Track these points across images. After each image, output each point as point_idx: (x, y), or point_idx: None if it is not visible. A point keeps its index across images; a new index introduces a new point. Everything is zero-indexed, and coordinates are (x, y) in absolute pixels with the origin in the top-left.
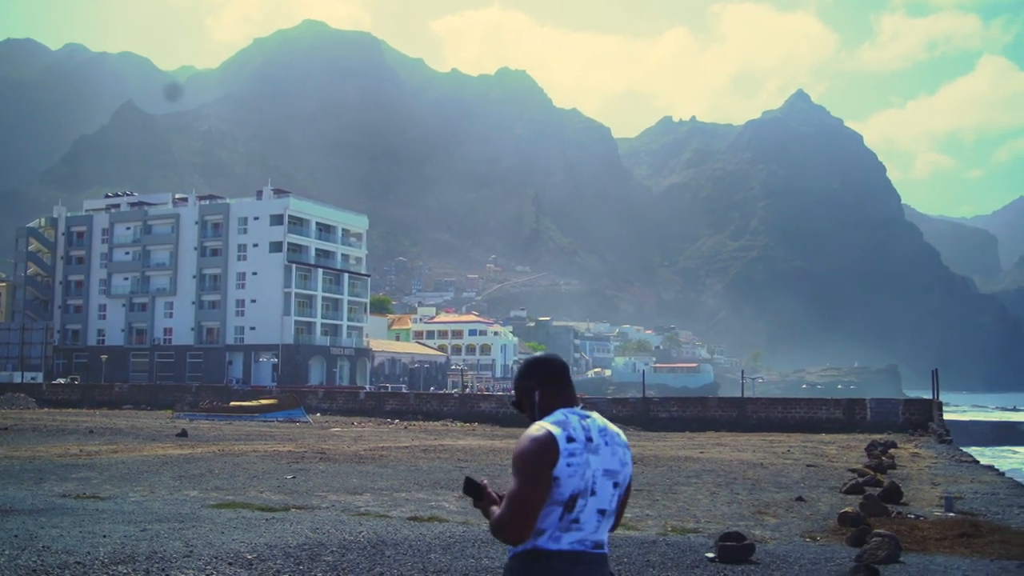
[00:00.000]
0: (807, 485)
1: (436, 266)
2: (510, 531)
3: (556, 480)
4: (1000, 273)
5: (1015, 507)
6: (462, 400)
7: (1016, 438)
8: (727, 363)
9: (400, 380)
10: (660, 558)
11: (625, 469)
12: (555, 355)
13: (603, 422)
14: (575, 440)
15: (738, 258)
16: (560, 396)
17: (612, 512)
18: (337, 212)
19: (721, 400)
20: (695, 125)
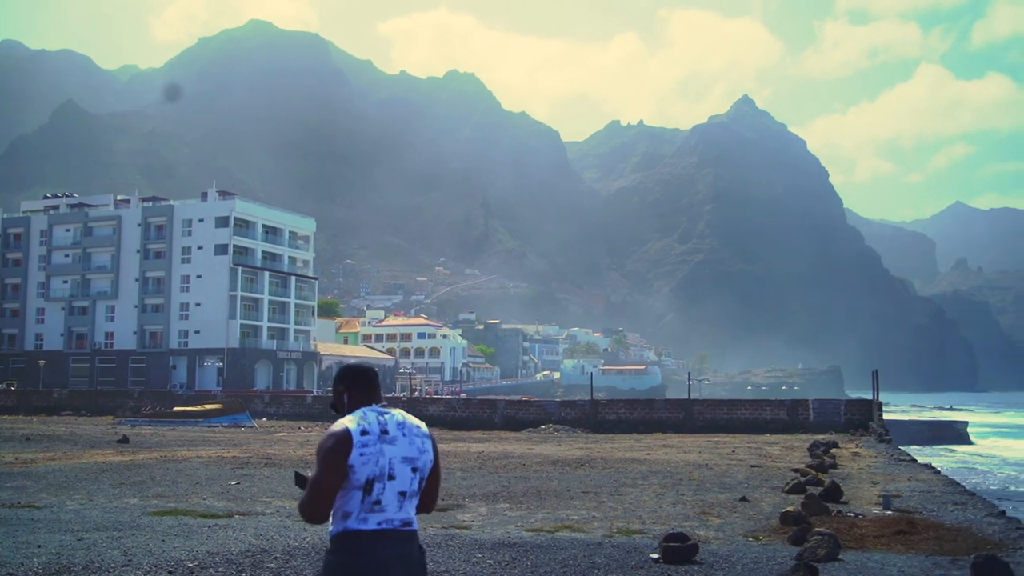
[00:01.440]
0: (751, 485)
1: (384, 269)
2: (310, 511)
3: (351, 468)
4: (937, 276)
5: (949, 504)
6: (410, 403)
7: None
8: (674, 365)
9: None
10: (605, 560)
11: (424, 456)
12: (366, 362)
13: (403, 417)
14: (369, 433)
15: (685, 261)
16: (366, 397)
17: (414, 493)
18: (284, 214)
19: (668, 402)
20: (643, 129)
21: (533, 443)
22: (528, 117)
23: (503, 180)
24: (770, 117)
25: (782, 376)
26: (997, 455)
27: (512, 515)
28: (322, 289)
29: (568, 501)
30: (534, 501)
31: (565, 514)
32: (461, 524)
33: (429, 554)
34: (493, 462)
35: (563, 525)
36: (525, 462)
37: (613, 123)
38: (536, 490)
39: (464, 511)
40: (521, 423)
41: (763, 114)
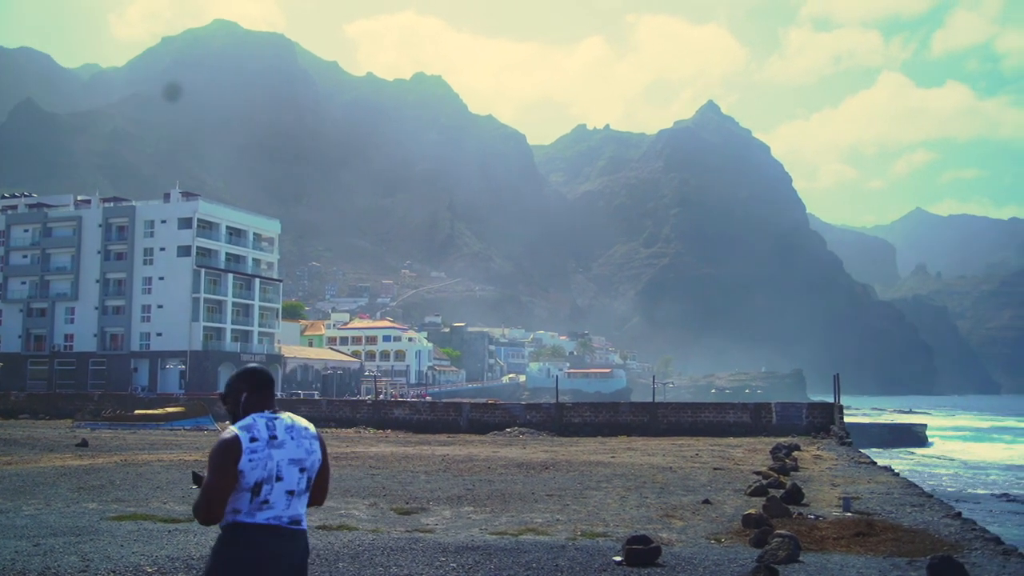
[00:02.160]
0: (714, 488)
1: (350, 271)
2: (202, 513)
3: (241, 472)
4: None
5: (908, 506)
6: (375, 407)
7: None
8: (639, 368)
9: (313, 387)
10: (568, 563)
11: (312, 456)
12: (262, 366)
13: (291, 420)
14: (257, 440)
15: (650, 265)
16: (261, 399)
17: (302, 491)
18: (248, 216)
19: (633, 405)
20: (609, 133)
21: (498, 446)
22: (495, 120)
23: (469, 183)
24: (735, 123)
25: (745, 379)
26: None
27: (476, 518)
28: (287, 291)
29: (532, 504)
30: (498, 504)
31: (529, 517)
32: (425, 528)
33: (392, 558)
34: (458, 465)
35: (527, 528)
36: (490, 465)
37: (580, 127)
38: (500, 493)
39: (428, 514)
40: (486, 426)
41: (728, 120)
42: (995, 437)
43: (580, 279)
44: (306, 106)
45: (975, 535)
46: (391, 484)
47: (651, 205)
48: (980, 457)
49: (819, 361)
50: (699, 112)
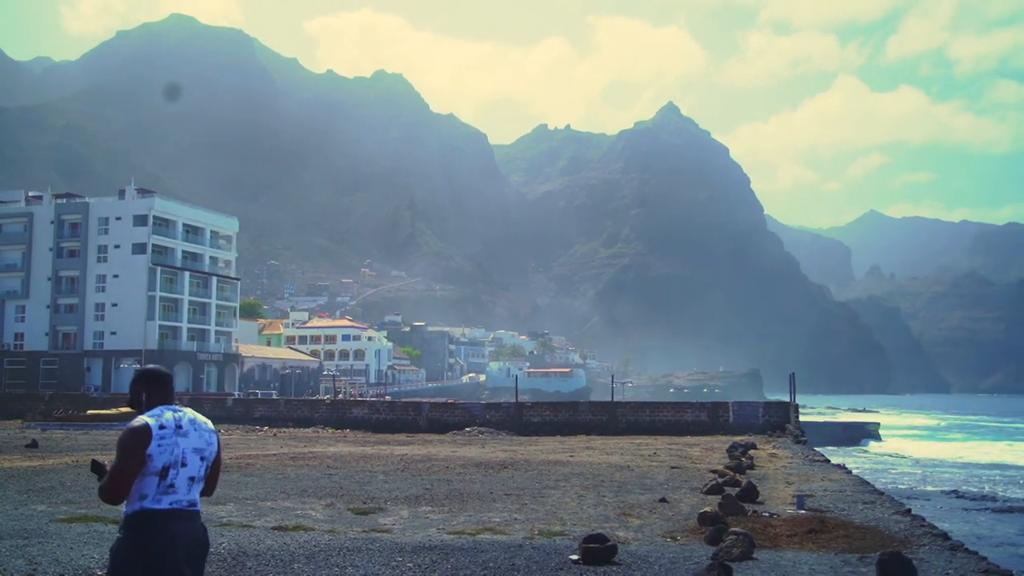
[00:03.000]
0: (671, 486)
1: (309, 270)
2: (109, 494)
3: (150, 457)
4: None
5: (859, 503)
6: (334, 406)
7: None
8: (599, 368)
9: (271, 386)
10: (525, 562)
11: (210, 447)
12: (158, 367)
13: (193, 415)
14: (166, 428)
15: (610, 265)
16: (161, 397)
17: (201, 478)
18: (205, 213)
19: (592, 404)
20: (570, 134)
21: (457, 445)
22: (456, 119)
23: (430, 182)
24: (694, 124)
25: (704, 379)
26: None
27: (434, 518)
28: (245, 290)
29: (490, 503)
30: (456, 504)
31: (487, 516)
32: (382, 528)
33: (348, 558)
34: (416, 465)
35: (485, 527)
36: (449, 465)
37: (540, 127)
38: (459, 493)
39: (385, 515)
40: (446, 425)
41: (688, 121)
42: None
43: (540, 279)
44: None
45: (924, 531)
46: (348, 484)
47: (611, 205)
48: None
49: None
50: (659, 113)
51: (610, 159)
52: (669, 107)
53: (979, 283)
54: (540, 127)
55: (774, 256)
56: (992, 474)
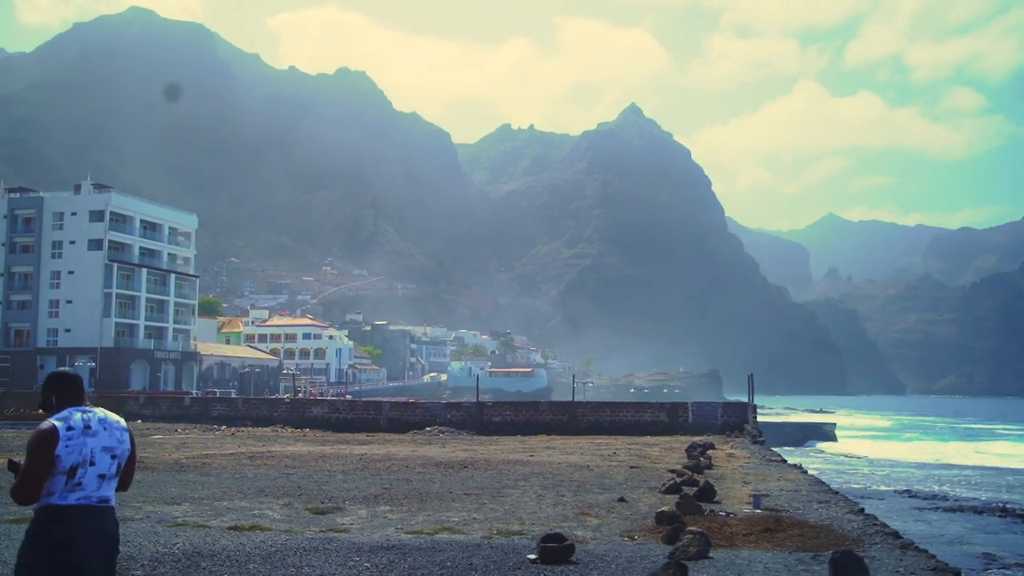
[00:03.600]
0: (629, 486)
1: (270, 268)
2: (20, 495)
3: (58, 458)
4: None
5: (814, 503)
6: (293, 405)
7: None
8: (560, 368)
9: (230, 385)
10: (483, 561)
11: (122, 445)
12: (67, 370)
13: (104, 414)
14: (73, 429)
15: (573, 265)
16: (72, 399)
17: (112, 476)
18: (164, 210)
19: (552, 404)
20: (533, 134)
21: (417, 445)
22: (419, 118)
23: (393, 180)
24: (657, 126)
25: (664, 379)
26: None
27: (392, 517)
28: (204, 288)
29: (450, 503)
30: (415, 503)
31: (446, 516)
32: (340, 527)
33: (304, 558)
34: (376, 464)
35: (443, 527)
36: (408, 464)
37: (504, 126)
38: (418, 492)
39: (344, 514)
40: (406, 425)
41: (650, 123)
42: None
43: (503, 278)
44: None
45: (876, 530)
46: (307, 484)
47: (574, 206)
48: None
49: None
50: (622, 115)
51: (573, 159)
52: (632, 108)
53: (933, 286)
54: (504, 127)
55: (734, 258)
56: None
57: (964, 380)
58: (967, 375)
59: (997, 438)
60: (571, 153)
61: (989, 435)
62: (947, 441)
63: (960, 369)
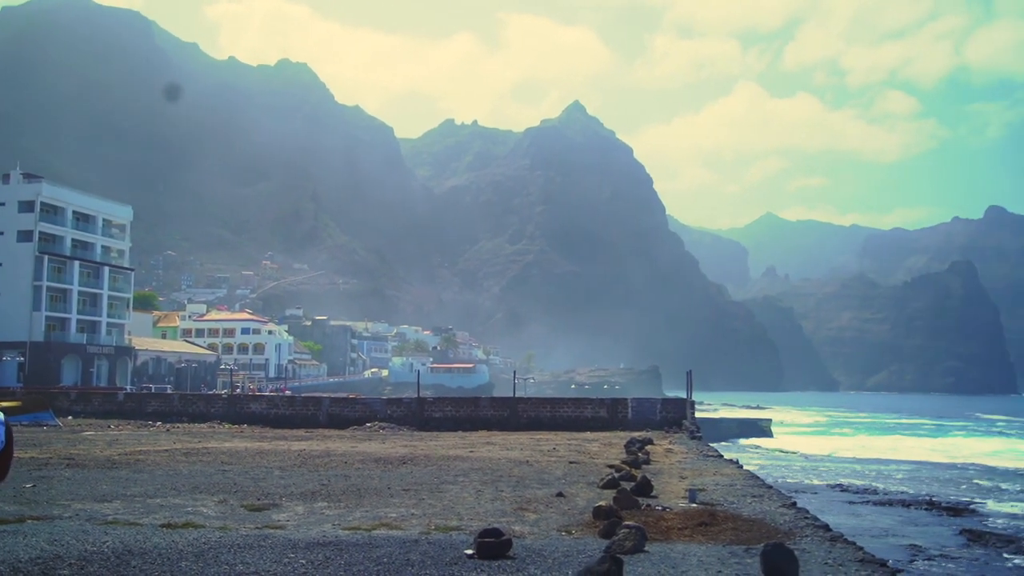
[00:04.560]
0: (568, 481)
1: (208, 261)
2: None
3: None
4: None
5: (748, 497)
6: (231, 401)
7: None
8: (502, 364)
9: (165, 380)
10: (420, 556)
11: None
12: None
13: None
14: None
15: (515, 261)
16: None
17: None
18: (97, 201)
19: (493, 400)
20: (477, 129)
21: (357, 441)
22: (362, 111)
23: (334, 174)
24: (600, 124)
25: (605, 375)
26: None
27: (329, 514)
28: (140, 281)
29: (388, 499)
30: (353, 499)
31: (384, 512)
32: (275, 524)
33: (238, 555)
34: (314, 460)
35: (381, 523)
36: (347, 460)
37: (447, 122)
38: (356, 488)
39: (280, 511)
40: (346, 421)
41: (593, 120)
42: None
43: (445, 274)
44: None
45: (807, 523)
46: (243, 480)
47: (517, 202)
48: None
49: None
50: (565, 112)
51: (516, 156)
52: (575, 106)
53: (866, 285)
54: (447, 122)
55: (675, 256)
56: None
57: (895, 377)
58: (897, 372)
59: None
60: (514, 149)
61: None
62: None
63: (891, 366)
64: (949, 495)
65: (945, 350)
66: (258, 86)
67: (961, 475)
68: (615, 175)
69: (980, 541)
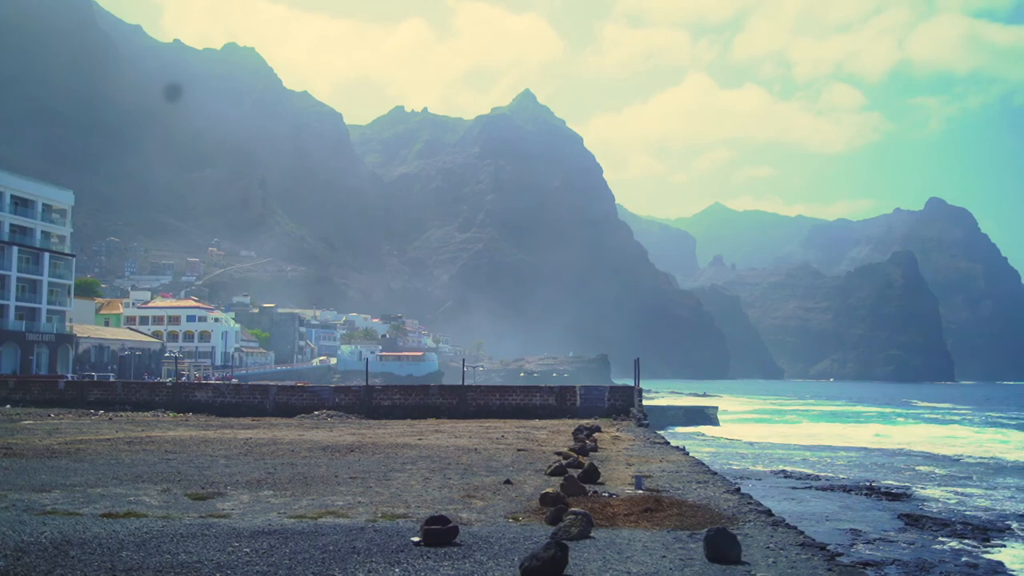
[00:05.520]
0: (516, 468)
1: (152, 248)
2: None
3: None
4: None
5: (694, 483)
6: (176, 389)
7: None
8: (451, 352)
9: (108, 368)
10: (366, 544)
11: None
12: None
13: None
14: None
15: (465, 249)
16: None
17: None
18: (37, 185)
19: (442, 388)
20: (427, 117)
21: (304, 429)
22: (310, 97)
23: (282, 160)
24: (550, 112)
25: (554, 363)
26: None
27: (275, 502)
28: (82, 268)
29: (335, 487)
30: (300, 488)
31: (331, 500)
32: (220, 513)
33: (181, 544)
34: (260, 449)
35: (327, 511)
36: (294, 448)
37: (397, 108)
38: (303, 476)
39: (224, 499)
40: (294, 409)
41: (544, 109)
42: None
43: (395, 262)
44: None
45: (750, 509)
46: (187, 469)
47: (467, 190)
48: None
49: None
50: (516, 100)
51: (466, 144)
52: (526, 94)
53: (811, 275)
54: (397, 109)
55: (624, 245)
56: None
57: (837, 365)
58: (840, 360)
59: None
60: (464, 137)
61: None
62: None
63: (834, 355)
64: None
65: (886, 339)
66: (204, 70)
67: (899, 461)
68: (565, 164)
69: (917, 525)
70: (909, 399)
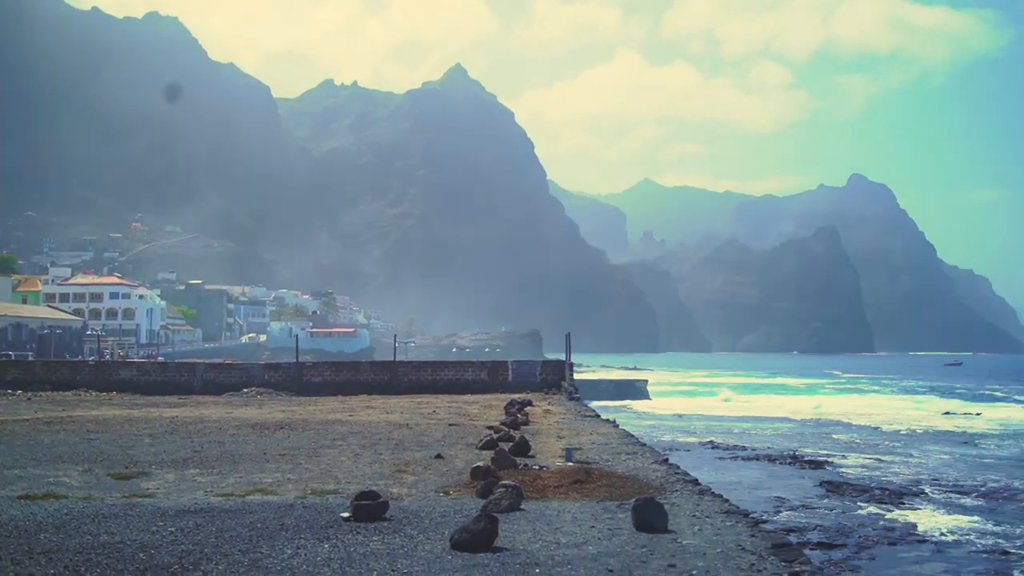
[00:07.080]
0: (447, 443)
1: (72, 223)
2: None
3: None
4: (627, 247)
5: (623, 455)
6: (98, 368)
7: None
8: (383, 328)
9: (27, 347)
10: (295, 521)
11: None
12: None
13: None
14: None
15: (396, 225)
16: None
17: None
18: None
19: (374, 364)
20: (357, 91)
21: (233, 407)
22: (236, 69)
23: (208, 134)
24: (481, 87)
25: (486, 339)
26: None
27: (202, 481)
28: None
29: (263, 464)
30: (227, 465)
31: (259, 477)
32: (144, 492)
33: (105, 525)
34: (187, 427)
35: (256, 489)
36: (222, 426)
37: (327, 82)
38: (231, 454)
39: (149, 479)
40: (222, 387)
41: (475, 84)
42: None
43: (325, 237)
44: (20, 38)
45: (678, 479)
46: (110, 448)
47: (398, 165)
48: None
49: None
50: (447, 75)
51: (397, 118)
52: (456, 68)
53: (738, 250)
54: (326, 82)
55: (556, 220)
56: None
57: (764, 338)
58: (766, 333)
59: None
60: (395, 112)
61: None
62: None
63: (760, 328)
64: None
65: (810, 312)
66: (125, 39)
67: (822, 431)
68: (496, 139)
69: (838, 491)
70: (831, 370)
